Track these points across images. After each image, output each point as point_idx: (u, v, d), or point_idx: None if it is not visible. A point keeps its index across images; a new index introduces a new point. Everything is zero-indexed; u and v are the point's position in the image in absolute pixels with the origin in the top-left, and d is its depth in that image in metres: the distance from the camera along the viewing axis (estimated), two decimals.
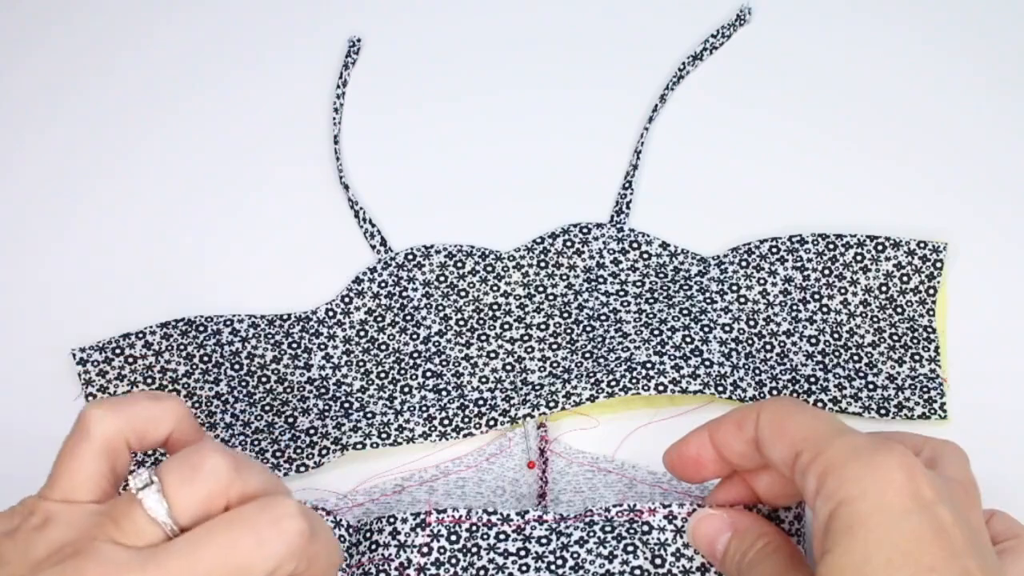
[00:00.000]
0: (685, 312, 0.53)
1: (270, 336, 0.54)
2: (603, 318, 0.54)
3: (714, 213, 0.58)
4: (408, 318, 0.54)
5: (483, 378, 0.53)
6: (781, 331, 0.53)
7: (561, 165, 0.60)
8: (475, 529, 0.45)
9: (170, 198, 0.60)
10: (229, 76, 0.64)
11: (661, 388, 0.50)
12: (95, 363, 0.52)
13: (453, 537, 0.45)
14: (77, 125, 0.62)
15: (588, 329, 0.53)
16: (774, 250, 0.55)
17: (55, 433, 0.51)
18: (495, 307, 0.55)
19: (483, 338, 0.54)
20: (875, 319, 0.54)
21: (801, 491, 0.38)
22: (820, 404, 0.51)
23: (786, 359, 0.53)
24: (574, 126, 0.62)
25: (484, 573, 0.44)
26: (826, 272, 0.55)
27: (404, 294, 0.55)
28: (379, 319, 0.54)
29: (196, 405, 0.51)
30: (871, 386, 0.52)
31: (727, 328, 0.53)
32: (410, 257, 0.56)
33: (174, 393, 0.51)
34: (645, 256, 0.56)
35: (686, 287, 0.55)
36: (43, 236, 0.59)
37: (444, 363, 0.53)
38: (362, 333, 0.54)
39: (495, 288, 0.55)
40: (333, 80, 0.63)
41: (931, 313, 0.54)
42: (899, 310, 0.54)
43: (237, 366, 0.53)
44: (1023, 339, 0.54)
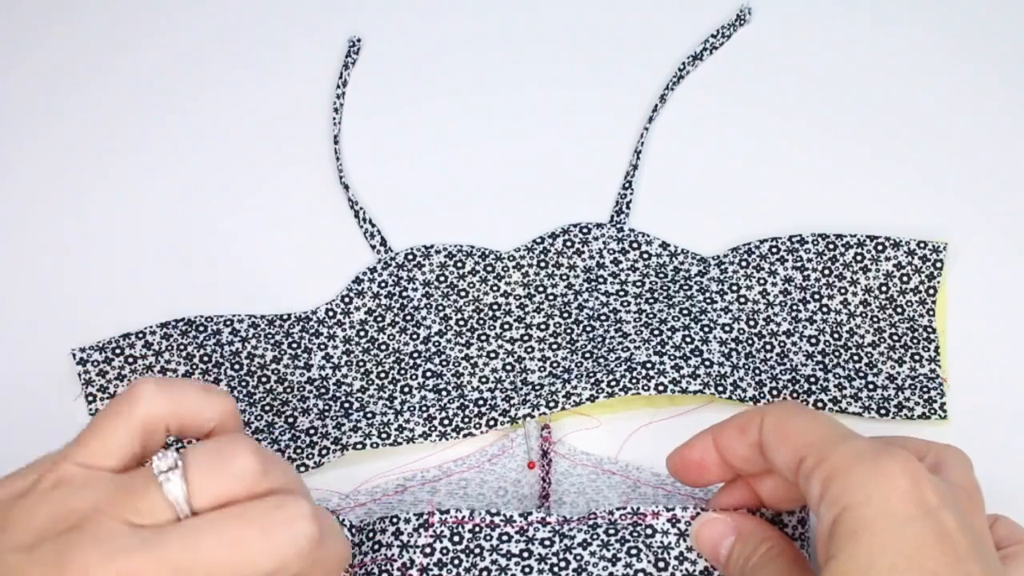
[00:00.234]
0: (685, 312, 0.53)
1: (270, 336, 0.54)
2: (603, 318, 0.54)
3: (714, 213, 0.58)
4: (408, 318, 0.54)
5: (483, 378, 0.53)
6: (781, 331, 0.53)
7: (561, 165, 0.60)
8: (478, 530, 0.45)
9: (170, 198, 0.60)
10: (229, 76, 0.64)
11: (661, 388, 0.50)
12: (95, 363, 0.52)
13: (456, 538, 0.45)
14: (77, 125, 0.62)
15: (588, 329, 0.53)
16: (774, 250, 0.55)
17: (55, 433, 0.52)
18: (495, 307, 0.55)
19: (483, 338, 0.54)
20: (875, 319, 0.54)
21: (805, 496, 0.38)
22: (820, 404, 0.51)
23: (786, 359, 0.53)
24: (574, 126, 0.62)
25: (487, 574, 0.44)
26: (826, 272, 0.55)
27: (404, 294, 0.55)
28: (379, 319, 0.54)
29: None
30: (871, 386, 0.52)
31: (727, 328, 0.53)
32: (410, 257, 0.56)
33: (227, 390, 0.50)
34: (645, 256, 0.56)
35: (686, 287, 0.55)
36: (43, 236, 0.59)
37: (444, 363, 0.53)
38: (362, 333, 0.54)
39: (495, 288, 0.55)
40: (333, 80, 0.63)
41: (931, 313, 0.54)
42: (899, 310, 0.54)
43: (237, 366, 0.53)
44: (1023, 339, 0.54)
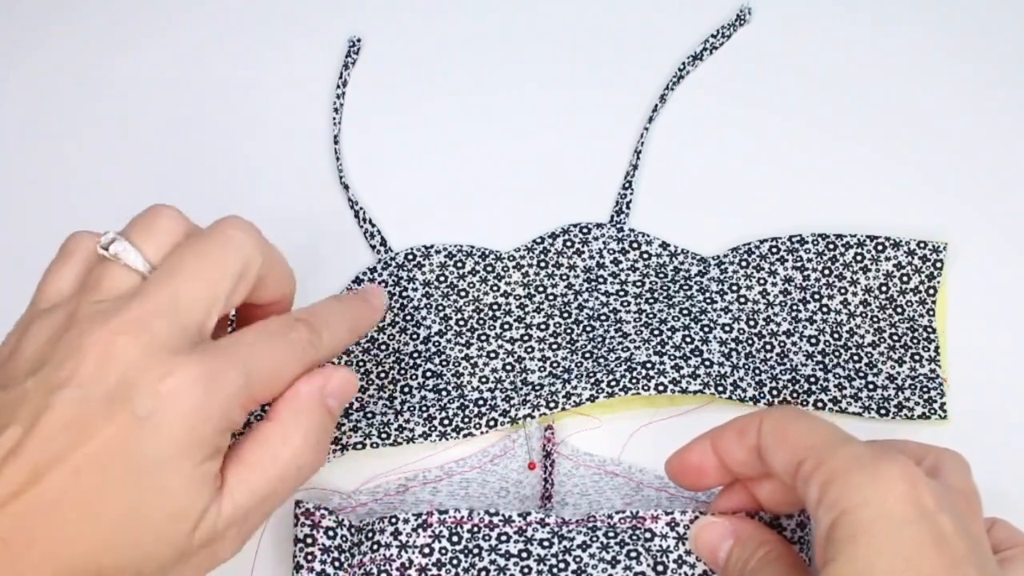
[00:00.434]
0: (685, 312, 0.53)
1: None
2: (603, 318, 0.54)
3: (714, 213, 0.58)
4: (408, 318, 0.54)
5: (483, 378, 0.53)
6: (781, 331, 0.53)
7: (561, 165, 0.60)
8: (476, 530, 0.45)
9: (170, 198, 0.60)
10: (229, 76, 0.64)
11: (661, 388, 0.50)
12: None
13: (455, 538, 0.45)
14: (77, 125, 0.62)
15: (588, 329, 0.53)
16: (774, 250, 0.55)
17: None
18: (495, 307, 0.55)
19: (483, 338, 0.54)
20: (875, 319, 0.54)
21: (803, 500, 0.38)
22: (820, 404, 0.51)
23: (786, 359, 0.53)
24: (574, 126, 0.62)
25: (485, 574, 0.44)
26: (826, 272, 0.55)
27: (404, 294, 0.55)
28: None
29: None
30: (871, 386, 0.52)
31: (727, 328, 0.53)
32: (410, 257, 0.56)
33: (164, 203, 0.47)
34: (645, 256, 0.56)
35: (686, 287, 0.55)
36: (43, 236, 0.59)
37: (444, 363, 0.53)
38: None
39: (495, 288, 0.55)
40: (333, 80, 0.63)
41: (931, 313, 0.54)
42: (899, 310, 0.54)
43: None
44: (1023, 339, 0.54)
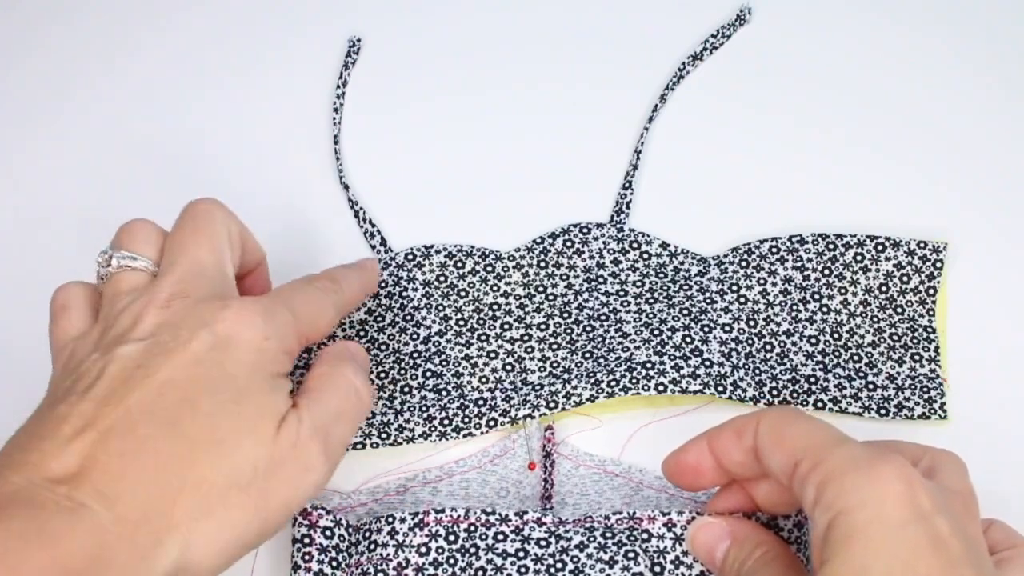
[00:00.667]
0: (685, 312, 0.53)
1: None
2: (603, 318, 0.54)
3: (714, 213, 0.58)
4: (408, 318, 0.54)
5: (483, 378, 0.53)
6: (781, 331, 0.53)
7: (561, 165, 0.60)
8: (473, 529, 0.45)
9: (170, 198, 0.60)
10: (229, 76, 0.64)
11: (661, 388, 0.50)
12: None
13: (452, 537, 0.45)
14: (77, 124, 0.62)
15: (588, 329, 0.53)
16: (774, 250, 0.55)
17: None
18: (495, 307, 0.55)
19: (483, 338, 0.54)
20: (875, 319, 0.54)
21: (800, 500, 0.38)
22: (820, 404, 0.51)
23: (786, 359, 0.53)
24: (574, 126, 0.62)
25: (482, 574, 0.44)
26: (826, 272, 0.55)
27: (404, 294, 0.55)
28: (379, 319, 0.54)
29: None
30: (871, 386, 0.52)
31: (727, 328, 0.53)
32: (410, 257, 0.56)
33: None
34: (645, 256, 0.56)
35: (686, 287, 0.55)
36: (43, 236, 0.59)
37: (444, 363, 0.53)
38: (362, 333, 0.54)
39: (495, 288, 0.55)
40: (333, 80, 0.63)
41: (931, 313, 0.54)
42: (899, 310, 0.54)
43: None
44: (1023, 339, 0.54)
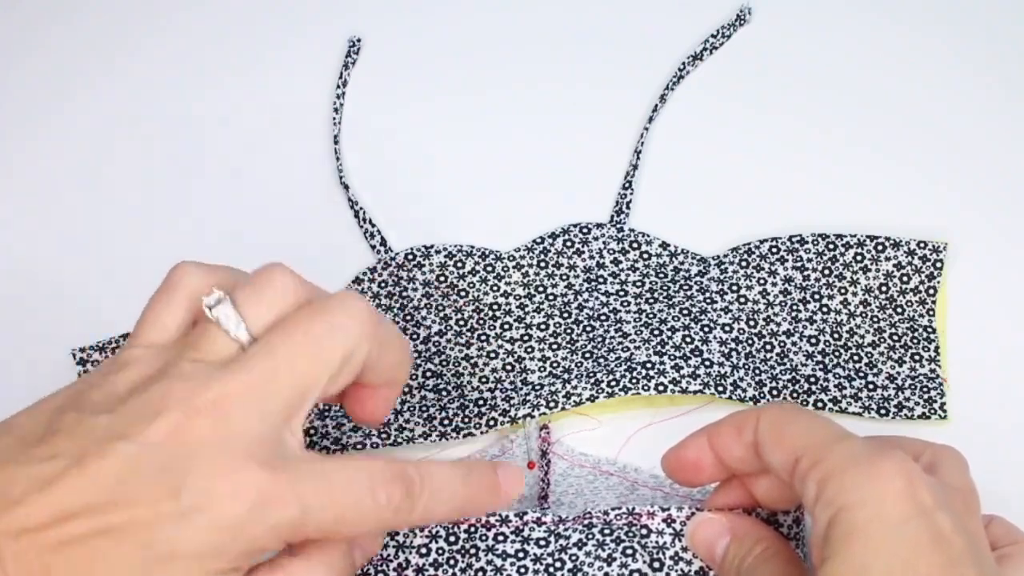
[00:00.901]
0: (685, 312, 0.53)
1: None
2: (603, 318, 0.54)
3: (714, 213, 0.58)
4: (408, 318, 0.54)
5: (483, 378, 0.53)
6: (781, 331, 0.53)
7: (561, 165, 0.60)
8: (473, 530, 0.45)
9: (170, 198, 0.60)
10: (229, 76, 0.64)
11: (661, 388, 0.50)
12: (95, 363, 0.52)
13: (452, 538, 0.45)
14: (77, 124, 0.62)
15: (588, 329, 0.53)
16: (774, 250, 0.55)
17: None
18: (495, 307, 0.55)
19: (483, 338, 0.54)
20: (875, 319, 0.54)
21: (800, 497, 0.38)
22: (820, 404, 0.51)
23: (786, 359, 0.53)
24: (574, 126, 0.62)
25: (482, 574, 0.44)
26: (826, 272, 0.55)
27: (404, 294, 0.55)
28: None
29: None
30: (871, 386, 0.52)
31: (727, 328, 0.53)
32: (410, 257, 0.56)
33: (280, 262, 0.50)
34: (645, 256, 0.56)
35: (686, 287, 0.55)
36: (43, 236, 0.59)
37: (444, 363, 0.53)
38: None
39: (495, 288, 0.55)
40: (333, 80, 0.63)
41: (931, 313, 0.54)
42: (899, 310, 0.54)
43: None
44: (1023, 339, 0.54)
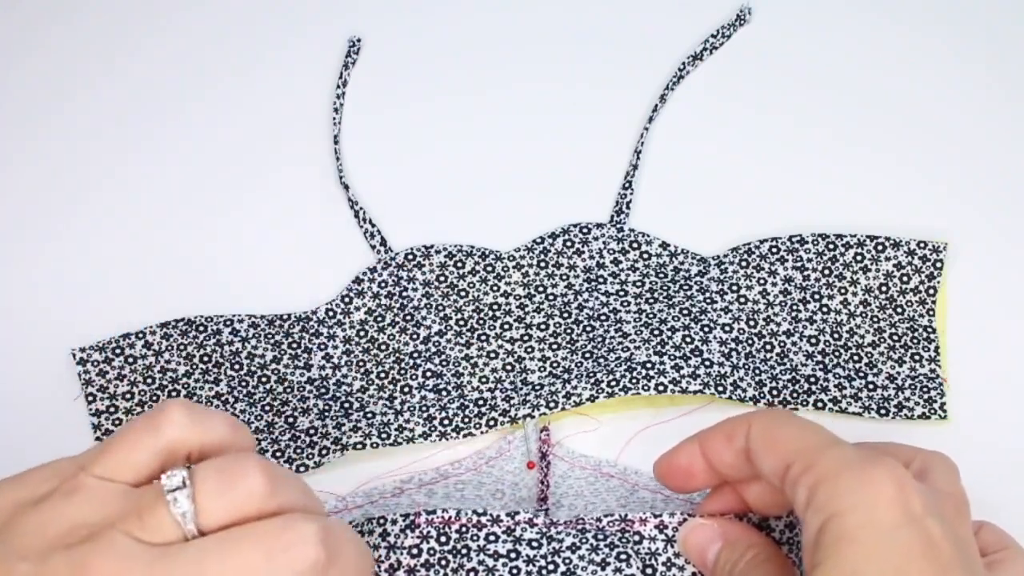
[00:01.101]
0: (685, 312, 0.53)
1: (270, 336, 0.54)
2: (603, 318, 0.54)
3: (714, 213, 0.58)
4: (408, 318, 0.54)
5: (483, 378, 0.53)
6: (781, 331, 0.53)
7: (561, 165, 0.60)
8: (465, 530, 0.45)
9: (170, 198, 0.60)
10: (229, 76, 0.64)
11: (661, 388, 0.50)
12: (95, 363, 0.52)
13: (443, 538, 0.45)
14: (77, 125, 0.62)
15: (588, 329, 0.53)
16: (774, 250, 0.55)
17: (55, 433, 0.52)
18: (495, 307, 0.55)
19: (483, 338, 0.54)
20: (875, 319, 0.54)
21: (791, 502, 0.38)
22: (820, 404, 0.51)
23: (786, 359, 0.53)
24: (574, 126, 0.62)
25: (474, 575, 0.44)
26: (826, 272, 0.55)
27: (404, 294, 0.55)
28: (379, 319, 0.54)
29: None
30: (871, 386, 0.52)
31: (727, 328, 0.53)
32: (410, 257, 0.56)
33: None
34: (645, 256, 0.56)
35: (686, 287, 0.55)
36: (43, 236, 0.59)
37: (444, 363, 0.53)
38: (362, 333, 0.54)
39: (495, 288, 0.55)
40: (333, 80, 0.63)
41: (931, 313, 0.54)
42: (899, 310, 0.54)
43: (237, 366, 0.53)
44: (1023, 339, 0.54)
